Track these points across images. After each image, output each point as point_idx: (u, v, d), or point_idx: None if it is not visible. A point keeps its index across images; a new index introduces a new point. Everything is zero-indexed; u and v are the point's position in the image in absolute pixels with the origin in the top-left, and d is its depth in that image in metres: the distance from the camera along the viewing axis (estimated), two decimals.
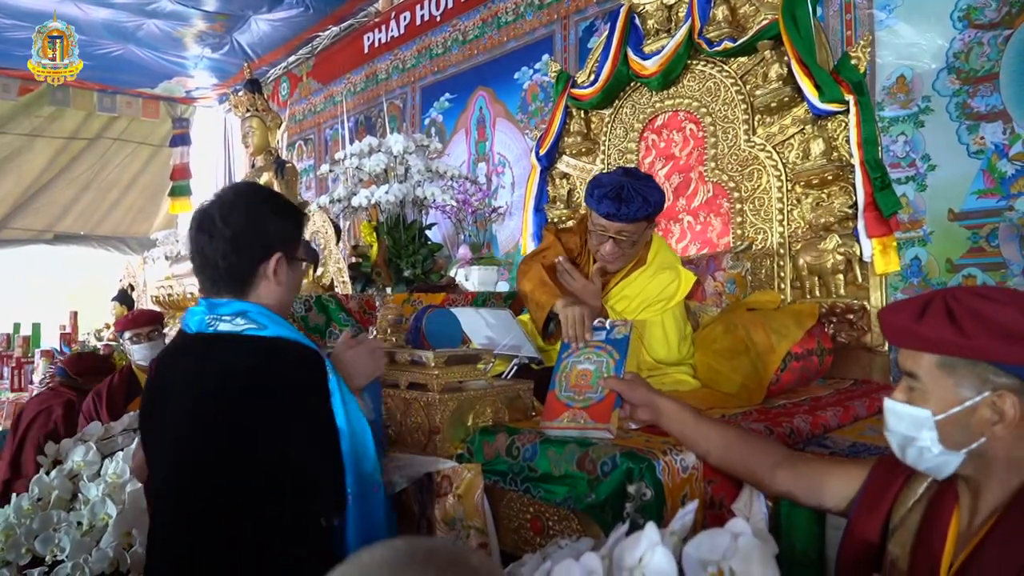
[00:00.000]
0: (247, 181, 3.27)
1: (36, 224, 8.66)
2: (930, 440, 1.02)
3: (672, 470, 1.42)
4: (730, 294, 2.61)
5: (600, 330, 1.69)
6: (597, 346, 1.65)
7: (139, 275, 6.44)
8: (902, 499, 1.14)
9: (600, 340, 1.66)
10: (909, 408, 1.05)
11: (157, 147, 9.37)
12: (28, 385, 4.37)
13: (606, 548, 0.96)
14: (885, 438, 1.11)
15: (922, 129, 3.43)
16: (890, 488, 1.16)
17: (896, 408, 1.07)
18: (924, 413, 1.02)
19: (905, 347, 1.06)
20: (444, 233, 5.43)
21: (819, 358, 2.30)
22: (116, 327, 3.25)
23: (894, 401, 1.08)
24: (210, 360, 1.28)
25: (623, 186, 1.98)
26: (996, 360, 0.98)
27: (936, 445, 1.02)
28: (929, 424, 1.02)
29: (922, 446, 1.03)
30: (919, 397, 1.04)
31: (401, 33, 6.51)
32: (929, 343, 1.02)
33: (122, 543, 1.86)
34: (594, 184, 2.06)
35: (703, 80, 3.03)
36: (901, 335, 1.06)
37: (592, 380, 1.60)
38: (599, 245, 2.08)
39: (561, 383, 1.65)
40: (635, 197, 1.96)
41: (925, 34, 3.42)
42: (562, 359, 1.70)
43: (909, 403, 1.05)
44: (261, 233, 1.35)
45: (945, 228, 3.35)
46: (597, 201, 2.00)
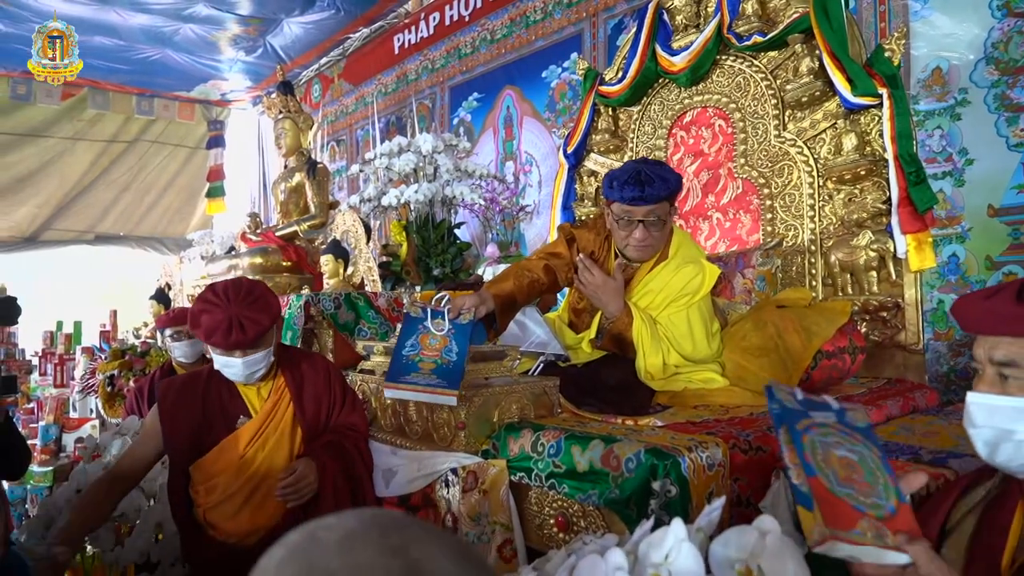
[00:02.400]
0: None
1: (78, 225, 8.91)
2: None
3: (697, 467, 1.42)
4: (760, 291, 2.58)
5: (824, 408, 1.11)
6: (842, 430, 1.09)
7: (175, 274, 6.59)
8: (960, 505, 1.09)
9: (835, 421, 1.10)
10: (1008, 399, 0.97)
11: (193, 149, 9.58)
12: (70, 381, 4.50)
13: (631, 544, 0.95)
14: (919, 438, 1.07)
15: (959, 122, 3.34)
16: (947, 497, 1.11)
17: (988, 401, 0.99)
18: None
19: (1002, 334, 0.99)
20: (472, 232, 5.46)
21: (851, 356, 2.26)
22: (157, 324, 3.31)
23: (983, 395, 1.01)
24: None
25: (640, 171, 1.99)
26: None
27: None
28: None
29: (1021, 440, 0.96)
30: (1018, 387, 0.97)
31: (430, 33, 6.55)
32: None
33: (152, 534, 1.91)
34: (611, 176, 2.06)
35: (732, 75, 3.00)
36: (1000, 321, 0.98)
37: (865, 477, 1.04)
38: (627, 235, 2.07)
39: (820, 466, 1.03)
40: (654, 178, 1.98)
41: (962, 24, 3.33)
42: (797, 431, 1.05)
43: (1006, 394, 0.98)
44: None
45: (984, 224, 3.26)
46: (619, 189, 2.00)
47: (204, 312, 1.62)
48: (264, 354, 1.70)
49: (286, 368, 1.80)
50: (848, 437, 1.08)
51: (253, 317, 1.61)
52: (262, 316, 1.63)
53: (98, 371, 3.83)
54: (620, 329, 2.06)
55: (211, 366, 1.76)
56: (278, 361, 1.80)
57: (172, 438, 1.69)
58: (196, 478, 1.69)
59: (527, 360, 2.14)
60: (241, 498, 1.67)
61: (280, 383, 1.78)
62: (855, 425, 1.11)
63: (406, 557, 0.53)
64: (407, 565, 0.52)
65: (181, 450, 1.69)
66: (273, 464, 1.70)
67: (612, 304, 2.06)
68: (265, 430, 1.72)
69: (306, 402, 1.78)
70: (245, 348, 1.65)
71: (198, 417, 1.71)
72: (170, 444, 1.69)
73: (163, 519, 1.87)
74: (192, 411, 1.71)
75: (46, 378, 5.07)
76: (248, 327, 1.60)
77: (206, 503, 1.67)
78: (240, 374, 1.69)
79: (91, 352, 4.20)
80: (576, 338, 2.21)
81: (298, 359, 1.86)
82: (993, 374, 1.01)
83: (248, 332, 1.60)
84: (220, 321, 1.59)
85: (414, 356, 1.68)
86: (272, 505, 1.67)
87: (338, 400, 1.84)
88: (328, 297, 2.63)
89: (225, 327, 1.58)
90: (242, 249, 5.52)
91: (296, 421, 1.76)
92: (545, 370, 2.08)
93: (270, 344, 1.72)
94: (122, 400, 3.57)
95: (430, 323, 1.75)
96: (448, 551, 0.54)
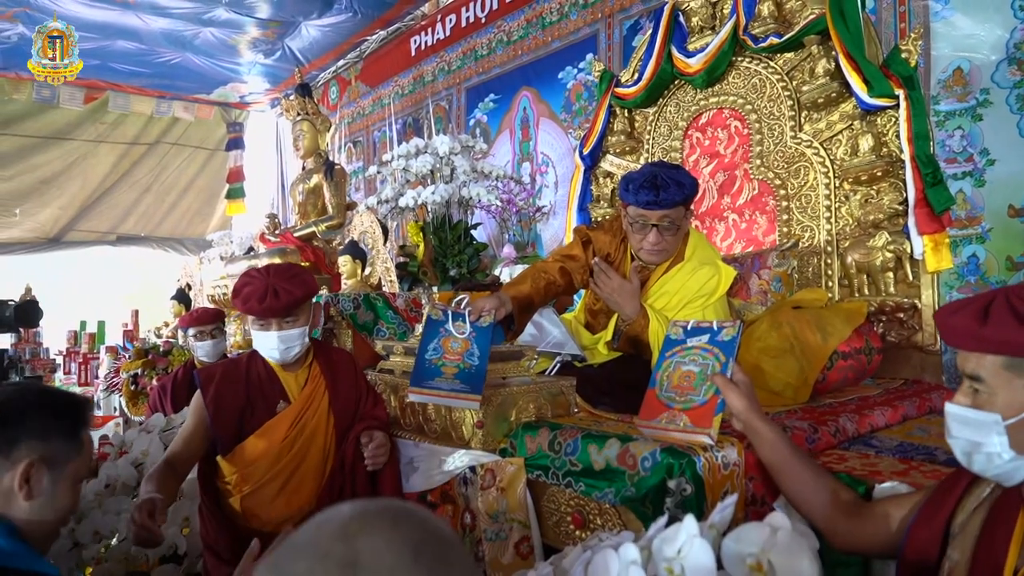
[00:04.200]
0: None
1: (100, 226, 9.06)
2: (999, 445, 0.98)
3: (713, 466, 1.43)
4: (776, 292, 2.58)
5: (706, 331, 1.57)
6: (704, 348, 1.54)
7: (195, 275, 6.68)
8: (963, 505, 1.10)
9: (706, 342, 1.55)
10: (975, 412, 1.00)
11: (212, 151, 9.70)
12: (94, 380, 4.58)
13: (646, 540, 0.97)
14: (935, 439, 1.08)
15: (980, 123, 3.32)
16: (951, 494, 1.12)
17: (960, 413, 1.02)
18: (992, 417, 0.98)
19: (968, 350, 1.02)
20: (489, 233, 5.49)
21: (867, 357, 2.26)
22: (180, 324, 3.38)
23: (957, 405, 1.03)
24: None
25: (656, 175, 2.00)
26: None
27: (1007, 450, 0.98)
28: (998, 428, 0.98)
29: (991, 452, 0.99)
30: (985, 401, 1.00)
31: (447, 35, 6.59)
32: (995, 344, 0.97)
33: (180, 527, 1.96)
34: (627, 179, 2.08)
35: (748, 77, 3.00)
36: (963, 337, 1.01)
37: (696, 382, 1.50)
38: (642, 239, 2.08)
39: (662, 382, 1.56)
40: (670, 183, 1.98)
41: (983, 25, 3.31)
42: (665, 357, 1.59)
43: (974, 407, 1.01)
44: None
45: (1005, 224, 3.24)
46: (634, 193, 2.02)
47: (246, 284, 1.76)
48: (299, 332, 1.79)
49: (319, 357, 1.89)
50: (706, 353, 1.52)
51: (287, 287, 1.74)
52: (295, 287, 1.75)
53: (122, 370, 3.90)
54: (636, 331, 2.08)
55: (248, 354, 1.85)
56: (312, 350, 1.88)
57: (218, 421, 1.74)
58: (233, 464, 1.73)
59: (543, 360, 2.16)
60: (279, 484, 1.72)
61: (316, 371, 1.86)
62: (721, 340, 1.52)
63: (351, 546, 0.54)
64: (347, 553, 0.54)
65: (227, 433, 1.74)
66: (309, 450, 1.77)
67: (628, 306, 2.08)
68: (304, 415, 1.78)
69: (340, 390, 1.85)
70: (279, 315, 1.75)
71: (241, 400, 1.78)
72: (217, 427, 1.74)
73: (190, 513, 1.92)
74: (236, 394, 1.78)
75: (70, 376, 5.17)
76: (281, 294, 1.72)
77: (242, 490, 1.72)
78: (276, 348, 1.77)
79: (115, 351, 4.28)
80: (593, 339, 2.23)
81: (328, 350, 1.96)
82: (967, 386, 1.03)
83: (281, 298, 1.72)
84: (257, 288, 1.73)
85: (437, 360, 1.71)
86: (307, 491, 1.75)
87: (363, 392, 1.91)
88: (347, 298, 2.66)
89: (260, 293, 1.72)
90: (261, 250, 5.59)
91: (331, 409, 1.82)
92: (561, 370, 2.11)
93: (304, 324, 1.81)
94: (145, 398, 3.64)
95: (451, 325, 1.78)
96: (402, 548, 0.55)
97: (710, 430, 1.43)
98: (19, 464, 1.10)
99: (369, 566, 0.53)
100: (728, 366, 1.47)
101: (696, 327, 1.59)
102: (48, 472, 1.12)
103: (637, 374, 2.06)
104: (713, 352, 1.52)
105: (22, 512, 1.11)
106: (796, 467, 1.33)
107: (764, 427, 1.38)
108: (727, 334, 1.53)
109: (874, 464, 1.61)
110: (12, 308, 2.78)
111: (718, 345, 1.52)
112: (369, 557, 0.54)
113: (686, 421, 1.47)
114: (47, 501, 1.13)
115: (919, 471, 1.54)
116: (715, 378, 1.45)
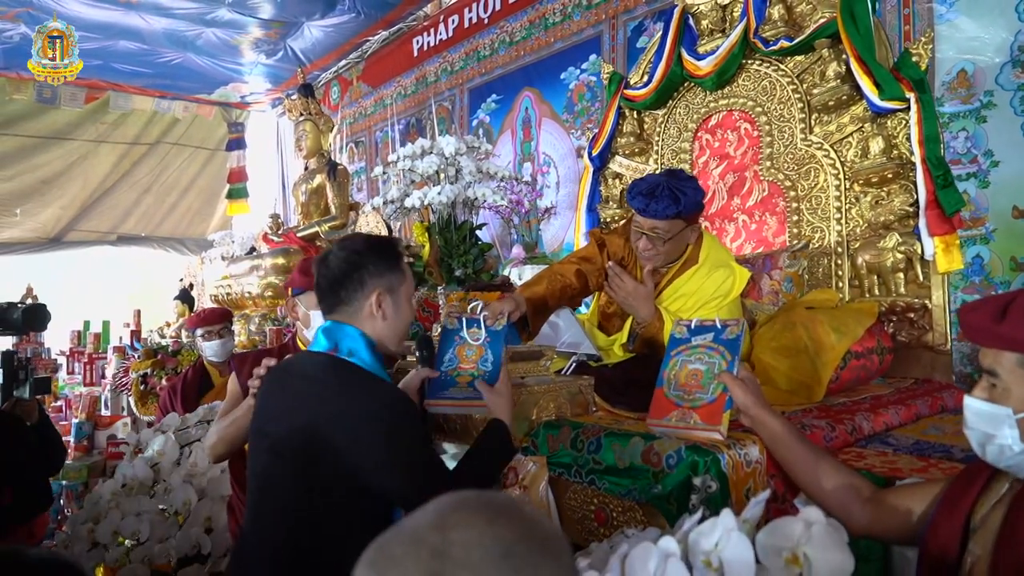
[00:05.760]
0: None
1: (101, 226, 9.03)
2: (1011, 438, 1.03)
3: (736, 464, 1.45)
4: (787, 293, 2.60)
5: (710, 330, 1.61)
6: (709, 346, 1.59)
7: (198, 275, 6.67)
8: (983, 499, 1.14)
9: (711, 340, 1.59)
10: (989, 406, 1.06)
11: (213, 151, 9.69)
12: (100, 380, 4.57)
13: (680, 534, 0.99)
14: (950, 437, 1.12)
15: (984, 124, 3.36)
16: (971, 488, 1.15)
17: (976, 406, 1.08)
18: (1005, 411, 1.04)
19: (986, 346, 1.07)
20: (493, 233, 5.50)
21: (879, 357, 2.28)
22: (188, 325, 3.38)
23: (974, 399, 1.09)
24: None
25: (659, 184, 2.00)
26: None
27: (1018, 443, 1.03)
28: (1010, 422, 1.03)
29: (1002, 444, 1.04)
30: (1000, 395, 1.05)
31: (449, 36, 6.61)
32: (1010, 342, 1.03)
33: (202, 527, 1.97)
34: (635, 182, 2.10)
35: (758, 79, 3.02)
36: (982, 334, 1.07)
37: (703, 380, 1.55)
38: (635, 242, 2.12)
39: (670, 381, 1.61)
40: (665, 195, 1.98)
41: (988, 27, 3.34)
42: (671, 356, 1.64)
43: (990, 401, 1.06)
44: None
45: (1009, 225, 3.27)
46: (632, 197, 2.06)
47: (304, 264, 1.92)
48: None
49: None
50: (712, 352, 1.56)
51: None
52: None
53: (131, 370, 3.90)
54: (652, 333, 2.10)
55: (278, 345, 1.87)
56: None
57: None
58: None
59: (559, 360, 2.18)
60: None
61: None
62: (726, 339, 1.56)
63: (445, 536, 0.56)
64: (439, 543, 0.56)
65: None
66: None
67: (643, 310, 2.10)
68: None
69: None
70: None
71: None
72: None
73: (212, 512, 1.93)
74: None
75: (73, 376, 5.15)
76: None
77: None
78: None
79: (123, 351, 4.28)
80: (608, 340, 2.25)
81: None
82: (985, 381, 1.09)
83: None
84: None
85: (452, 371, 1.73)
86: None
87: None
88: None
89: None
90: (264, 250, 5.59)
91: None
92: (577, 370, 2.12)
93: None
94: (155, 398, 3.65)
95: (466, 332, 1.79)
96: (493, 546, 0.56)
97: (720, 427, 1.48)
98: (372, 294, 1.47)
99: (457, 559, 0.55)
100: (734, 364, 1.52)
101: (700, 326, 1.64)
102: (390, 297, 1.50)
103: (652, 374, 2.09)
104: (719, 350, 1.57)
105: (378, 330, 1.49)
106: (807, 457, 1.39)
107: (771, 420, 1.45)
108: (731, 332, 1.58)
109: (893, 462, 1.63)
110: (20, 311, 2.76)
111: (723, 343, 1.57)
112: (459, 551, 0.55)
113: (696, 419, 1.52)
114: (394, 316, 1.51)
115: (938, 468, 1.57)
116: (723, 376, 1.51)
